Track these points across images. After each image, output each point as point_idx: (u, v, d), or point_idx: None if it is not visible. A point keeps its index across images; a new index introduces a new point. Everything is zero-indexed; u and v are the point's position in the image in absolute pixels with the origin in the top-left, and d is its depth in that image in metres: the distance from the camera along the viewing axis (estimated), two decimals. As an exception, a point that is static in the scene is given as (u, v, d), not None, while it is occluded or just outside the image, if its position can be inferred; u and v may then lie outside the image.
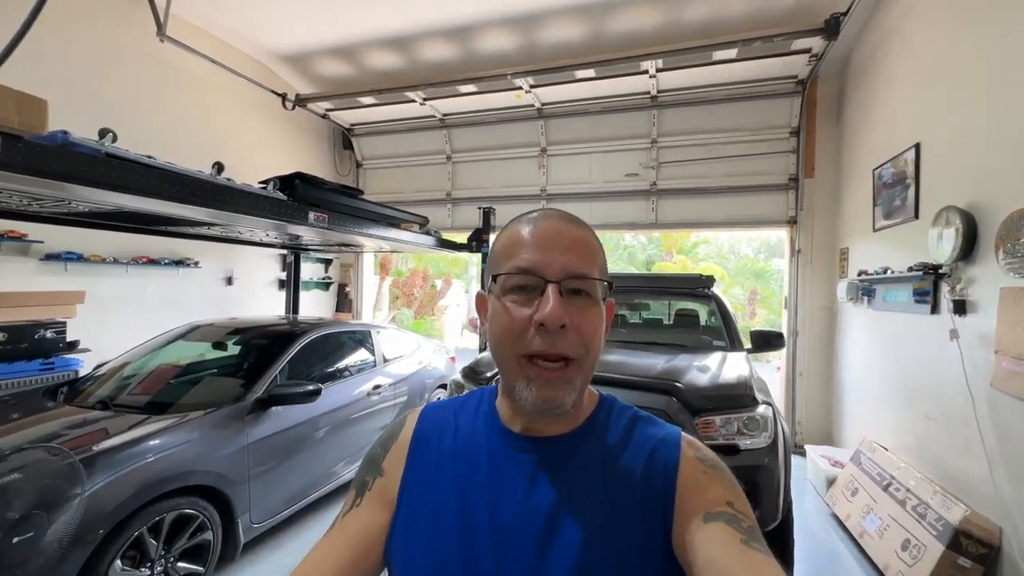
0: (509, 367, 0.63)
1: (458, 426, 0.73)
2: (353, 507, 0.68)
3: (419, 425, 0.73)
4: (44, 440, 2.31)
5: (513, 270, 0.63)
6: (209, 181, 2.33)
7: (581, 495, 0.63)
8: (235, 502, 2.71)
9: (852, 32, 4.42)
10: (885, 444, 3.72)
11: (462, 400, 0.78)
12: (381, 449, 0.72)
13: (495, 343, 0.65)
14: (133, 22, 4.46)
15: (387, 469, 0.70)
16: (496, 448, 0.68)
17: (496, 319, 0.64)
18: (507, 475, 0.65)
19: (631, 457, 0.66)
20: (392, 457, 0.71)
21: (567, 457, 0.66)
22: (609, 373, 2.54)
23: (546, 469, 0.65)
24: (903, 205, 3.65)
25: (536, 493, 0.63)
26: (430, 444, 0.71)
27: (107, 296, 4.36)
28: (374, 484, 0.68)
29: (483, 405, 0.75)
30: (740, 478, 2.08)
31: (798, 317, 5.33)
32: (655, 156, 5.77)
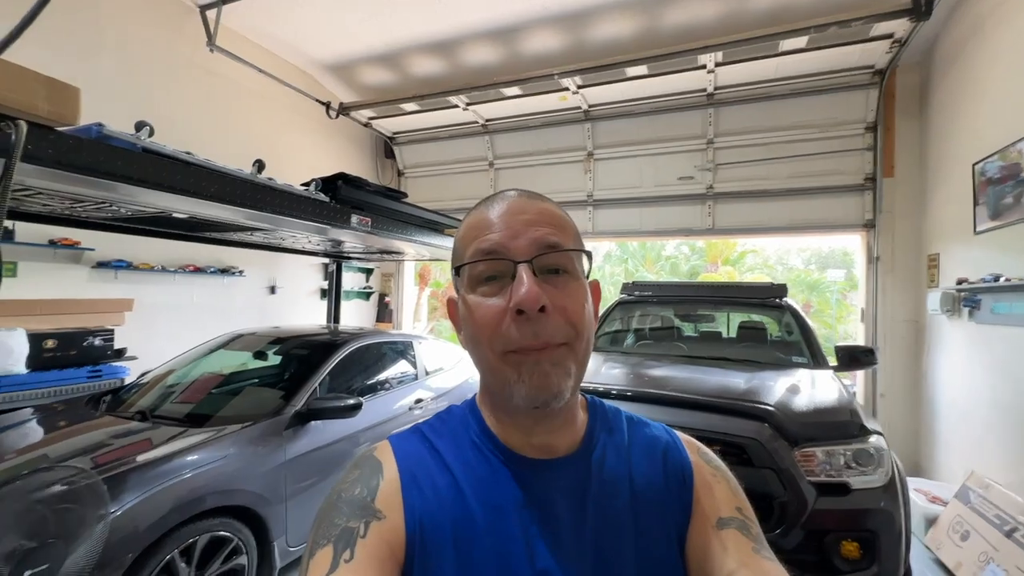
0: (493, 368, 0.55)
1: (447, 459, 0.58)
2: (341, 564, 0.48)
3: (400, 460, 0.58)
4: (82, 452, 2.21)
5: (476, 256, 0.56)
6: (249, 180, 2.19)
7: (614, 520, 0.57)
8: (271, 524, 2.53)
9: (942, 13, 3.96)
10: (999, 480, 3.19)
11: (432, 426, 0.64)
12: (364, 490, 0.54)
13: (472, 346, 0.57)
14: (185, 33, 4.53)
15: (386, 511, 0.53)
16: (510, 482, 0.57)
17: (468, 318, 0.56)
18: (537, 515, 0.55)
19: (648, 466, 0.61)
20: (385, 499, 0.54)
21: (587, 479, 0.59)
22: (680, 393, 2.22)
23: (571, 497, 0.57)
24: (1017, 203, 3.16)
25: (573, 529, 0.56)
26: (424, 483, 0.56)
27: (154, 304, 4.36)
28: (369, 531, 0.51)
29: (469, 429, 0.62)
30: (853, 525, 1.68)
31: (878, 331, 4.80)
32: (711, 158, 5.40)
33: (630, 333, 4.12)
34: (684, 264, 19.32)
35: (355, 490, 0.55)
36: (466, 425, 0.62)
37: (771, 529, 1.81)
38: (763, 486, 1.84)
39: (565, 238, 0.57)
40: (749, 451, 1.87)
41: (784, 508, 1.82)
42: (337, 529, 0.51)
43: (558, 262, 0.56)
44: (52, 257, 3.70)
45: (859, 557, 1.77)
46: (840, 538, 1.79)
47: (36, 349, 3.36)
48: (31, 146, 1.45)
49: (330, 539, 0.50)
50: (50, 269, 3.71)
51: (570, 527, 0.56)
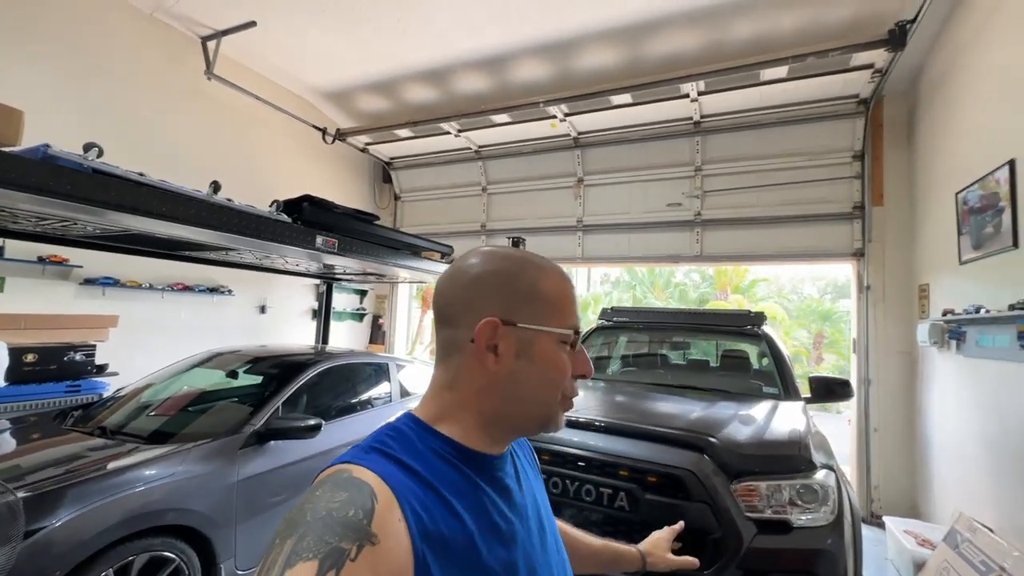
0: (550, 406, 0.70)
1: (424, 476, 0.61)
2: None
3: (390, 483, 0.57)
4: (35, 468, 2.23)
5: (571, 329, 0.71)
6: (204, 200, 2.25)
7: (537, 493, 0.79)
8: (218, 546, 2.49)
9: (923, 44, 3.97)
10: (988, 523, 3.02)
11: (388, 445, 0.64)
12: (359, 513, 0.53)
13: (547, 385, 0.70)
14: (187, 62, 4.74)
15: (382, 537, 0.52)
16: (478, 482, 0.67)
17: (551, 365, 0.69)
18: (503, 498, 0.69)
19: (522, 448, 0.84)
20: (382, 522, 0.53)
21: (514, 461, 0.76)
22: (626, 422, 2.16)
23: (513, 476, 0.73)
24: (997, 233, 3.08)
25: (521, 500, 0.72)
26: (416, 503, 0.57)
27: (141, 321, 4.45)
28: (360, 554, 0.50)
29: (424, 441, 0.66)
30: (793, 565, 1.60)
31: (870, 363, 4.65)
32: (699, 184, 5.40)
33: (612, 360, 4.07)
34: (693, 292, 19.12)
35: (348, 511, 0.53)
36: (422, 439, 0.66)
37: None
38: (698, 521, 1.76)
39: None
40: (684, 483, 1.80)
41: (718, 545, 1.73)
42: (327, 547, 0.50)
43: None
44: (41, 274, 3.81)
45: (800, 601, 1.67)
46: (780, 580, 1.70)
47: (15, 362, 3.43)
48: (-31, 165, 1.52)
49: (317, 555, 0.49)
50: (38, 285, 3.82)
51: (519, 497, 0.72)
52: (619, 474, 1.90)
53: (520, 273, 0.71)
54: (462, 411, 0.68)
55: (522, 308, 0.68)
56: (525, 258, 0.73)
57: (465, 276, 0.71)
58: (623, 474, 1.90)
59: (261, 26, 4.45)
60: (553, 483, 2.01)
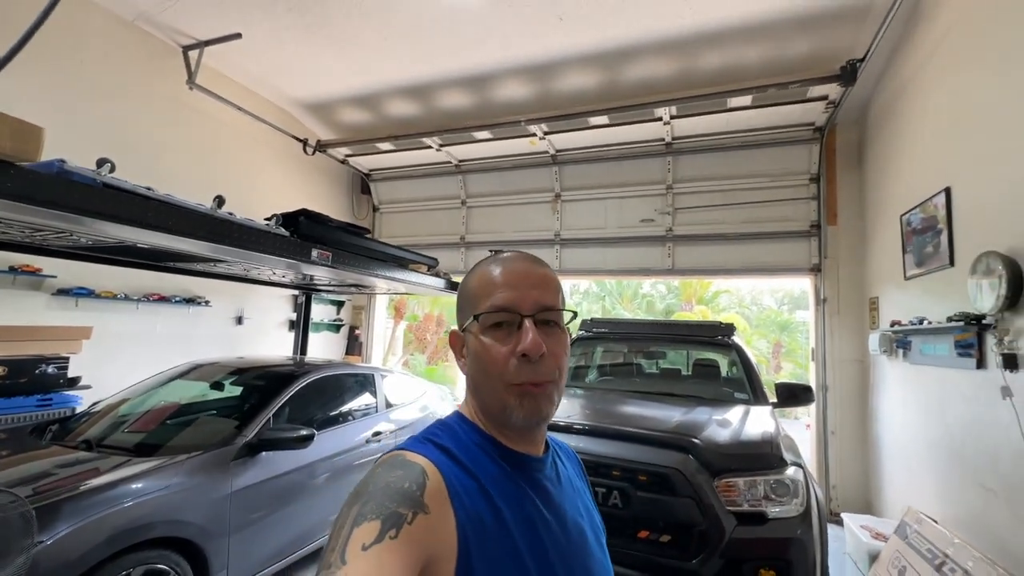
0: (497, 395, 0.71)
1: (467, 465, 0.69)
2: (386, 539, 0.54)
3: (438, 465, 0.66)
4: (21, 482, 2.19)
5: (491, 309, 0.71)
6: (209, 214, 2.29)
7: (585, 502, 0.83)
8: (212, 557, 2.50)
9: (870, 79, 4.38)
10: (933, 515, 3.33)
11: (438, 436, 0.73)
12: (414, 486, 0.61)
13: (481, 376, 0.73)
14: (167, 71, 4.70)
15: (432, 509, 0.59)
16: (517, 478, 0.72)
17: (480, 355, 0.72)
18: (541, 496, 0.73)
19: (568, 459, 0.88)
20: (432, 497, 0.61)
21: (555, 467, 0.80)
22: (618, 426, 2.33)
23: (553, 480, 0.77)
24: (936, 252, 3.44)
25: (560, 502, 0.75)
26: (460, 487, 0.65)
27: (116, 333, 4.34)
28: (415, 520, 0.57)
29: (470, 436, 0.74)
30: (769, 553, 1.80)
31: (827, 370, 5.00)
32: (671, 202, 5.70)
33: (592, 369, 4.24)
34: (660, 303, 19.68)
35: (404, 484, 0.60)
36: (466, 433, 0.74)
37: (691, 556, 1.89)
38: (685, 515, 1.93)
39: (557, 300, 0.75)
40: (672, 480, 1.97)
41: (704, 536, 1.90)
42: (387, 510, 0.57)
43: (552, 317, 0.73)
44: (11, 284, 3.69)
45: (775, 585, 1.86)
46: (758, 566, 1.88)
47: (-16, 376, 3.31)
48: (-9, 180, 1.55)
49: (379, 516, 0.56)
50: (9, 295, 3.69)
51: (557, 499, 0.75)
52: (612, 474, 2.06)
53: (464, 283, 0.80)
54: (475, 409, 0.77)
55: (463, 313, 0.77)
56: (477, 266, 0.80)
57: None
58: (615, 474, 2.05)
59: (244, 37, 4.47)
60: (550, 484, 2.14)
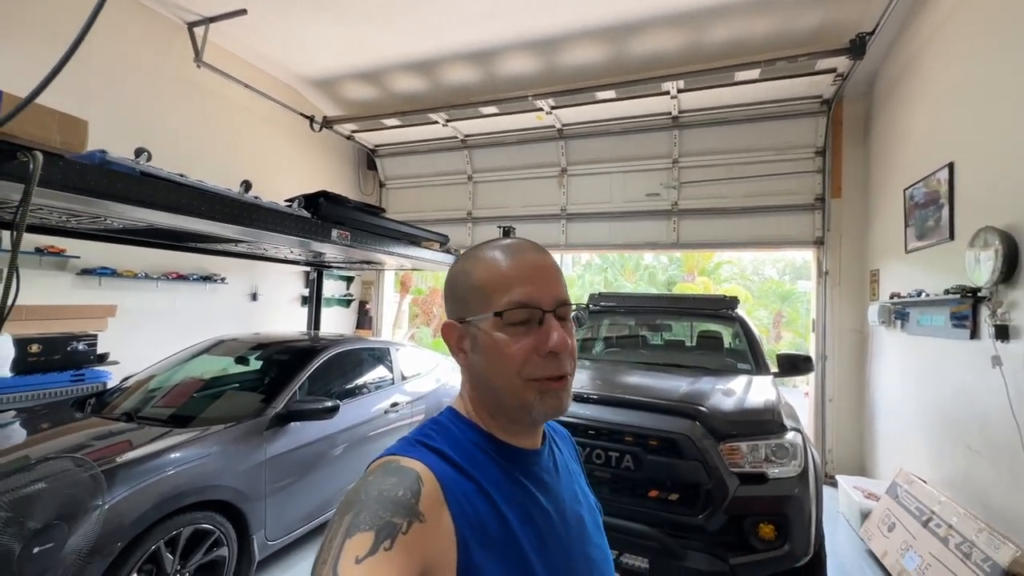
0: (516, 391, 0.68)
1: (465, 468, 0.67)
2: (380, 551, 0.53)
3: (434, 470, 0.63)
4: (70, 451, 2.36)
5: (513, 305, 0.68)
6: (237, 199, 2.39)
7: (574, 477, 0.82)
8: (251, 518, 2.70)
9: (879, 52, 4.36)
10: (923, 476, 3.53)
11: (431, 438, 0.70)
12: (408, 493, 0.59)
13: (498, 373, 0.69)
14: (173, 49, 4.69)
15: (428, 516, 0.58)
16: (517, 477, 0.71)
17: (498, 351, 0.68)
18: (541, 492, 0.72)
19: (564, 445, 0.88)
20: (428, 504, 0.59)
21: (552, 457, 0.79)
22: (629, 395, 2.48)
23: (552, 472, 0.77)
24: (937, 226, 3.53)
25: (558, 493, 0.75)
26: (458, 491, 0.63)
27: (138, 310, 4.48)
28: (411, 529, 0.55)
29: (466, 435, 0.71)
30: (768, 509, 1.98)
31: (827, 340, 5.16)
32: (676, 176, 5.74)
33: (598, 341, 4.39)
34: (662, 274, 19.77)
35: (398, 492, 0.58)
36: (462, 432, 0.71)
37: (697, 513, 2.07)
38: (692, 476, 2.10)
39: (568, 293, 0.74)
40: (680, 445, 2.13)
41: (709, 495, 2.08)
42: (381, 520, 0.54)
43: (566, 313, 0.72)
44: (38, 264, 3.81)
45: (774, 538, 2.04)
46: (758, 521, 2.05)
47: (21, 353, 3.47)
48: (44, 173, 1.65)
49: (372, 526, 0.54)
50: (36, 276, 3.82)
51: (557, 490, 0.74)
52: (624, 440, 2.22)
53: (460, 273, 0.75)
54: (475, 405, 0.74)
55: (467, 305, 0.72)
56: (475, 254, 0.75)
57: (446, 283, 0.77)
58: (628, 440, 2.22)
59: (250, 13, 4.44)
60: (567, 449, 2.32)
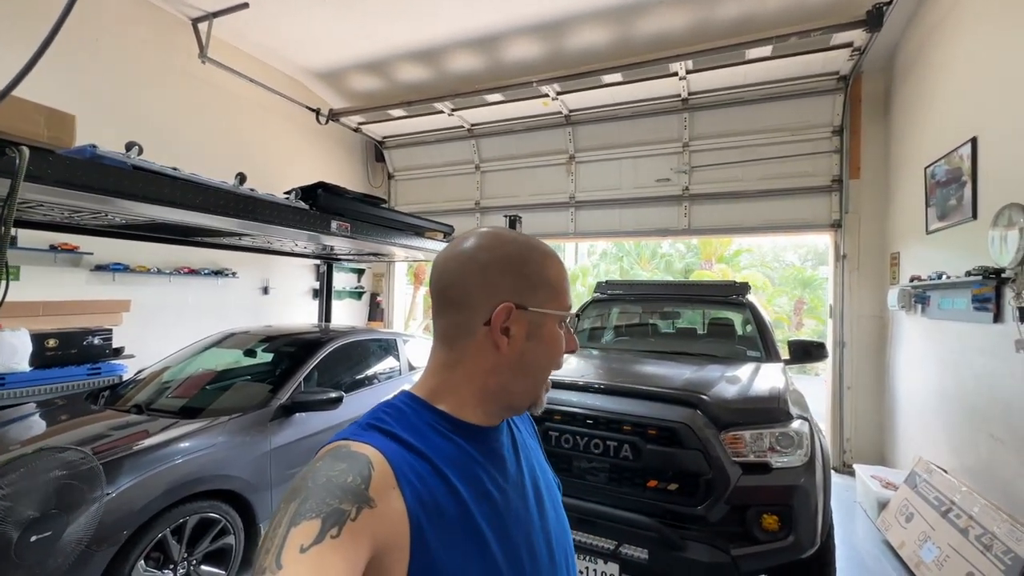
0: (537, 388, 0.75)
1: (419, 448, 0.65)
2: (327, 538, 0.51)
3: (386, 454, 0.62)
4: (80, 442, 2.42)
5: (568, 310, 0.77)
6: (232, 191, 2.39)
7: (539, 462, 0.84)
8: (257, 507, 2.74)
9: (898, 24, 4.16)
10: (944, 465, 3.40)
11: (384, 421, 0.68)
12: (358, 479, 0.57)
13: (545, 365, 0.75)
14: (178, 45, 4.72)
15: (378, 501, 0.57)
16: (473, 453, 0.71)
17: (554, 344, 0.75)
18: (498, 467, 0.73)
19: (522, 420, 0.88)
20: (378, 488, 0.58)
21: (510, 432, 0.80)
22: (629, 384, 2.42)
23: (510, 448, 0.78)
24: (959, 205, 3.36)
25: (516, 469, 0.76)
26: (411, 473, 0.62)
27: (151, 305, 4.57)
28: (360, 515, 0.54)
29: (420, 416, 0.70)
30: (773, 499, 1.92)
31: (844, 326, 5.00)
32: (687, 160, 5.59)
33: (607, 330, 4.33)
34: (679, 262, 19.48)
35: (347, 478, 0.57)
36: (417, 414, 0.70)
37: (697, 503, 2.02)
38: (692, 465, 2.05)
39: None
40: (680, 434, 2.08)
41: (710, 485, 2.02)
42: (328, 507, 0.53)
43: None
44: (53, 261, 3.90)
45: (777, 529, 1.97)
46: (761, 511, 1.99)
47: (39, 348, 3.57)
48: (32, 168, 1.66)
49: (319, 514, 0.52)
50: (51, 272, 3.92)
51: (514, 467, 0.75)
52: (623, 429, 2.17)
53: (528, 259, 0.74)
54: (463, 388, 0.72)
55: (533, 293, 0.72)
56: (529, 244, 0.75)
57: (474, 262, 0.72)
58: (626, 429, 2.17)
59: (252, 7, 4.44)
60: (565, 439, 2.28)
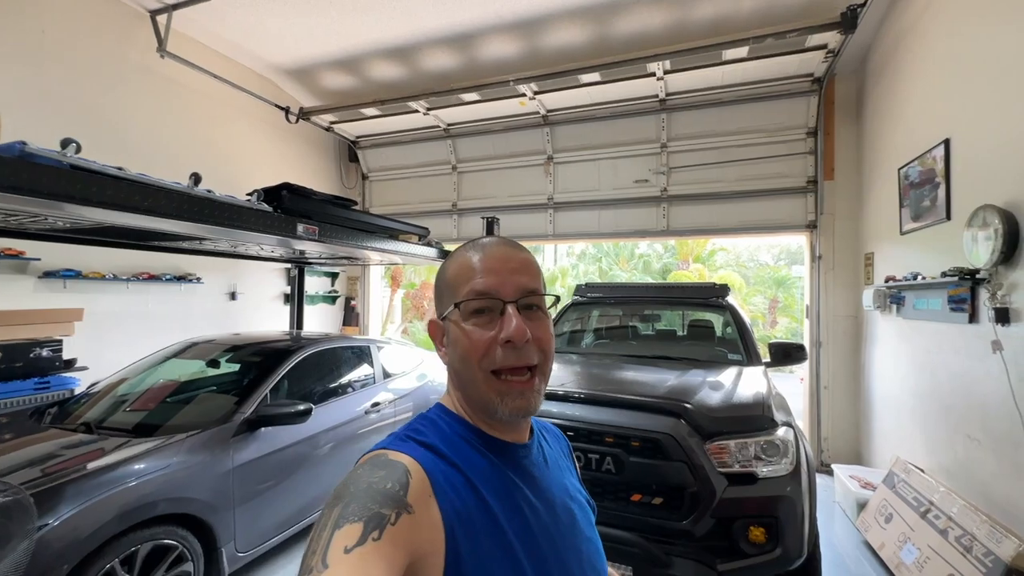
0: (479, 386, 0.69)
1: (453, 460, 0.68)
2: (368, 541, 0.53)
3: (423, 463, 0.64)
4: (21, 467, 2.22)
5: (471, 295, 0.70)
6: (186, 193, 2.22)
7: (572, 482, 0.82)
8: (218, 530, 2.56)
9: (871, 26, 4.20)
10: (921, 465, 3.42)
11: (421, 432, 0.71)
12: (396, 486, 0.59)
13: (462, 365, 0.71)
14: (136, 39, 4.47)
15: (416, 508, 0.59)
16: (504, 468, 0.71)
17: (460, 342, 0.70)
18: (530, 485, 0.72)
19: (554, 440, 0.88)
20: (416, 496, 0.60)
21: (541, 452, 0.79)
22: (611, 393, 2.34)
23: (540, 466, 0.76)
24: (933, 206, 3.39)
25: (547, 487, 0.74)
26: (446, 483, 0.64)
27: (107, 313, 4.31)
28: (399, 520, 0.56)
29: (454, 429, 0.72)
30: (759, 510, 1.83)
31: (820, 326, 5.03)
32: (665, 161, 5.57)
33: (587, 333, 4.25)
34: (656, 262, 19.64)
35: (386, 484, 0.59)
36: (450, 427, 0.72)
37: (683, 517, 1.94)
38: (677, 478, 1.97)
39: (539, 284, 0.73)
40: (664, 445, 2.00)
41: (695, 498, 1.95)
42: (369, 512, 0.56)
43: (535, 302, 0.72)
44: (-5, 268, 3.63)
45: (764, 541, 1.91)
46: (747, 524, 1.93)
47: (-22, 362, 3.31)
48: (-52, 167, 1.48)
49: (361, 518, 0.55)
50: (-7, 280, 3.64)
51: (545, 484, 0.74)
52: (605, 441, 2.08)
53: (441, 270, 0.78)
54: (455, 396, 0.76)
55: (442, 302, 0.75)
56: (454, 253, 0.78)
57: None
58: (609, 440, 2.08)
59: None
60: (545, 452, 2.18)
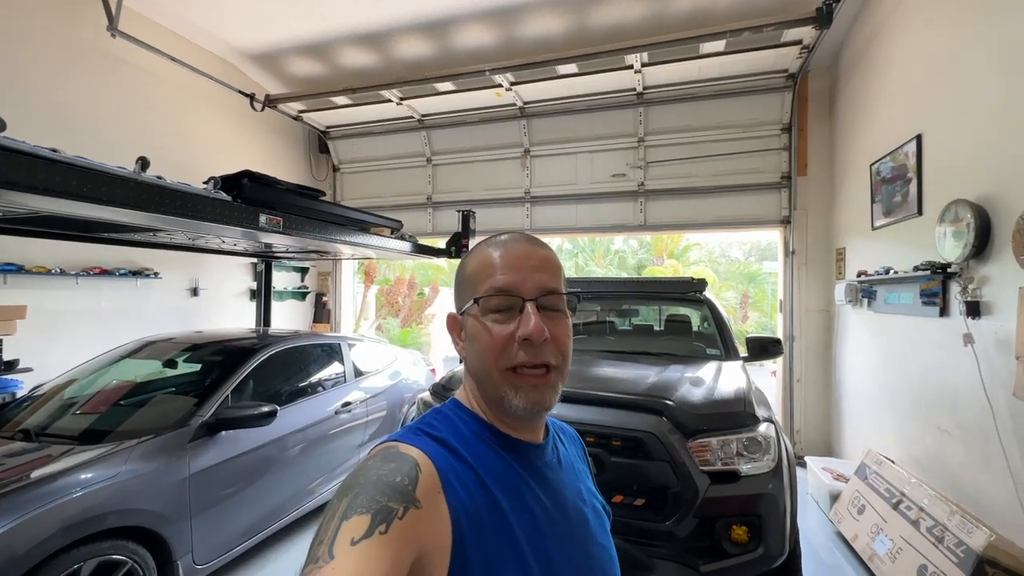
0: (495, 381, 0.69)
1: (464, 455, 0.67)
2: (375, 533, 0.52)
3: (433, 458, 0.63)
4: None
5: (491, 292, 0.69)
6: (131, 178, 2.03)
7: (587, 486, 0.80)
8: (173, 542, 2.39)
9: (844, 23, 4.23)
10: (892, 457, 3.47)
11: (433, 426, 0.70)
12: (405, 479, 0.58)
13: (479, 360, 0.70)
14: (85, 16, 4.17)
15: (424, 503, 0.57)
16: (516, 466, 0.70)
17: (478, 338, 0.70)
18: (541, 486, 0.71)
19: (570, 443, 0.86)
20: (425, 491, 0.59)
21: (555, 453, 0.78)
22: (592, 391, 2.26)
23: (554, 468, 0.75)
24: (904, 201, 3.43)
25: (560, 489, 0.73)
26: (454, 479, 0.63)
27: (55, 310, 4.02)
28: (407, 514, 0.55)
29: (468, 425, 0.72)
30: (742, 509, 1.77)
31: (794, 321, 5.10)
32: (642, 155, 5.54)
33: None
34: (632, 258, 19.83)
35: (396, 478, 0.58)
36: (464, 423, 0.71)
37: (665, 518, 1.88)
38: (659, 478, 1.91)
39: (559, 283, 0.72)
40: (646, 444, 1.94)
41: (678, 498, 1.89)
42: (377, 504, 0.54)
43: (554, 301, 0.70)
44: (-77, 262, 3.33)
45: (747, 540, 1.87)
46: (730, 523, 1.88)
47: (-96, 364, 3.02)
48: None
49: (369, 510, 0.54)
50: (-78, 275, 3.34)
51: (558, 486, 0.73)
52: (586, 440, 2.00)
53: (460, 266, 0.78)
54: (469, 391, 0.75)
55: (461, 296, 0.75)
56: (474, 249, 0.78)
57: None
58: (589, 440, 2.00)
59: (171, -24, 3.98)
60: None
